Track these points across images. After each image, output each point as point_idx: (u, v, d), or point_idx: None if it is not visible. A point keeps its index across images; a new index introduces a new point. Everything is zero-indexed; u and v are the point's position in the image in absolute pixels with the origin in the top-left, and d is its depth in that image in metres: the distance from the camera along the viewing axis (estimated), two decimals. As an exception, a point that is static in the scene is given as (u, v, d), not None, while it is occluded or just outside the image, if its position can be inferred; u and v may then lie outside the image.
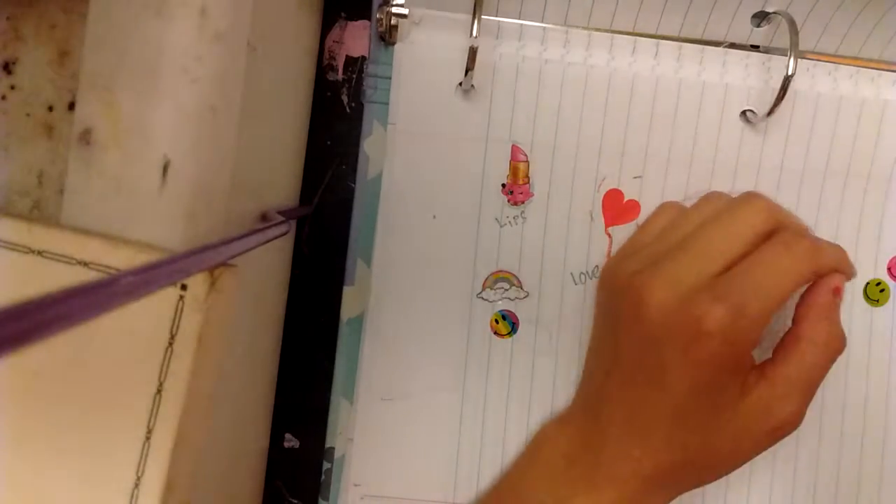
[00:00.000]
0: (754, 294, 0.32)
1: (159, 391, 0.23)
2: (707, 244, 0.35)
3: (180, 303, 0.23)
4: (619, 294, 0.37)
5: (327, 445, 0.44)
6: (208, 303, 0.23)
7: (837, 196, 0.45)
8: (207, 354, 0.23)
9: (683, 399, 0.33)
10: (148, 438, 0.23)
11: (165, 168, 0.25)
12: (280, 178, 0.38)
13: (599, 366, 0.39)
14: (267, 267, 0.37)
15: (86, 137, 0.25)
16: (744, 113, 0.44)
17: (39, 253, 0.24)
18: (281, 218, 0.31)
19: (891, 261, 0.45)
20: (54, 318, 0.13)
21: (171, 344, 0.23)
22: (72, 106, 0.26)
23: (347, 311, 0.44)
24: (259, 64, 0.31)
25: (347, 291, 0.44)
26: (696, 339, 0.32)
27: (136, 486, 0.22)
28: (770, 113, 0.43)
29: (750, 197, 0.37)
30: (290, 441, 0.45)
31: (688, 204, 0.42)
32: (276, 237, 0.29)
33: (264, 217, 0.33)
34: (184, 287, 0.23)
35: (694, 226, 0.38)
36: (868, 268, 0.45)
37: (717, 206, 0.39)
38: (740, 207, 0.37)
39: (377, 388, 0.44)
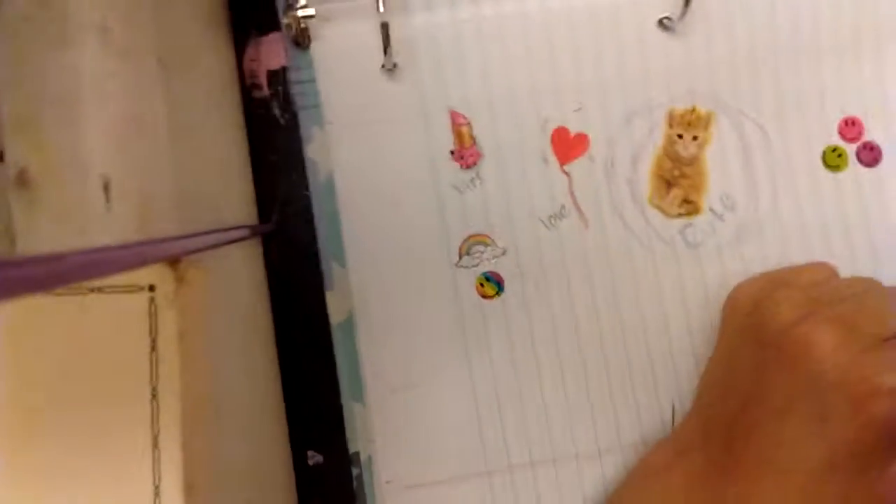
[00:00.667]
0: None
1: (154, 396, 0.22)
2: (882, 306, 0.35)
3: (152, 305, 0.23)
4: (775, 328, 0.35)
5: (351, 451, 0.44)
6: (179, 298, 0.23)
7: (772, 74, 0.46)
8: (192, 351, 0.23)
9: (837, 453, 0.31)
10: (155, 445, 0.22)
11: (107, 187, 0.25)
12: (232, 197, 0.38)
13: (732, 396, 0.36)
14: (243, 280, 0.37)
15: (22, 179, 0.25)
16: (661, 21, 0.45)
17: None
18: (235, 228, 0.30)
19: (839, 125, 0.46)
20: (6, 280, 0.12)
21: (153, 348, 0.22)
22: (1, 156, 0.26)
23: (335, 315, 0.44)
24: (175, 80, 0.31)
25: (330, 296, 0.44)
26: (871, 396, 0.30)
27: (157, 494, 0.22)
28: (683, 14, 0.43)
29: None
30: (314, 457, 0.44)
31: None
32: (235, 240, 0.28)
33: (225, 228, 0.33)
34: (151, 288, 0.23)
35: (860, 289, 0.37)
36: (821, 136, 0.46)
37: (876, 283, 0.39)
38: None
39: (384, 383, 0.44)
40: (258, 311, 0.40)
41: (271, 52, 0.46)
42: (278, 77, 0.45)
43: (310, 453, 0.44)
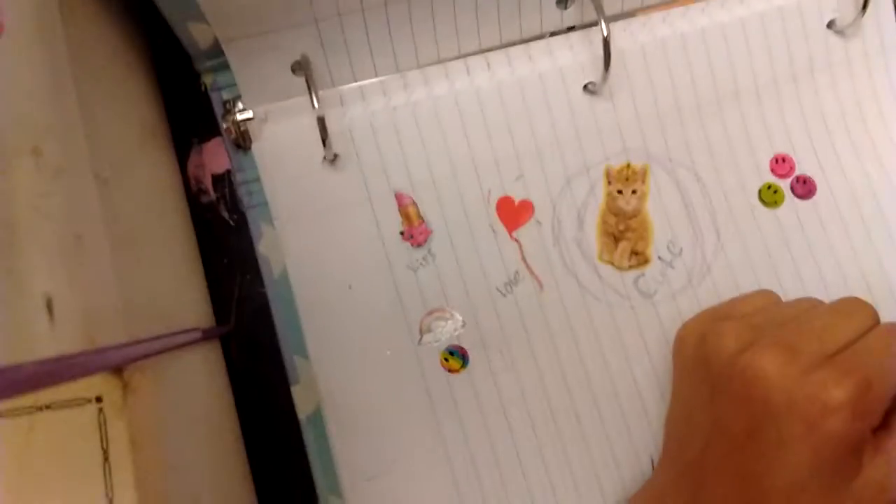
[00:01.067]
0: (879, 370, 0.31)
1: (110, 509, 0.22)
2: (824, 323, 0.34)
3: (100, 416, 0.22)
4: (720, 360, 0.35)
5: (333, 549, 0.43)
6: (128, 407, 0.23)
7: (698, 125, 0.48)
8: (146, 457, 0.23)
9: (802, 475, 0.31)
10: (115, 563, 0.22)
11: (49, 305, 0.25)
12: (185, 303, 0.38)
13: (694, 434, 0.36)
14: (203, 386, 0.37)
15: (-38, 308, 0.25)
16: (586, 87, 0.47)
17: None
18: (187, 332, 0.30)
19: (770, 163, 0.48)
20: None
21: (106, 458, 0.22)
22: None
23: (303, 408, 0.44)
24: (115, 194, 0.31)
25: (296, 390, 0.44)
26: (823, 415, 0.30)
27: None
28: (605, 78, 0.45)
29: (855, 299, 0.37)
30: (295, 559, 0.43)
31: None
32: (183, 344, 0.28)
33: (177, 332, 0.33)
34: (98, 399, 0.23)
35: (801, 309, 0.38)
36: (754, 176, 0.48)
37: (817, 302, 0.39)
38: (851, 301, 0.37)
39: (359, 472, 0.43)
40: (222, 411, 0.40)
41: (214, 157, 0.47)
42: (223, 180, 0.46)
43: (290, 555, 0.43)
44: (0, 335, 0.25)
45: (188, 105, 0.46)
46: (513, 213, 0.46)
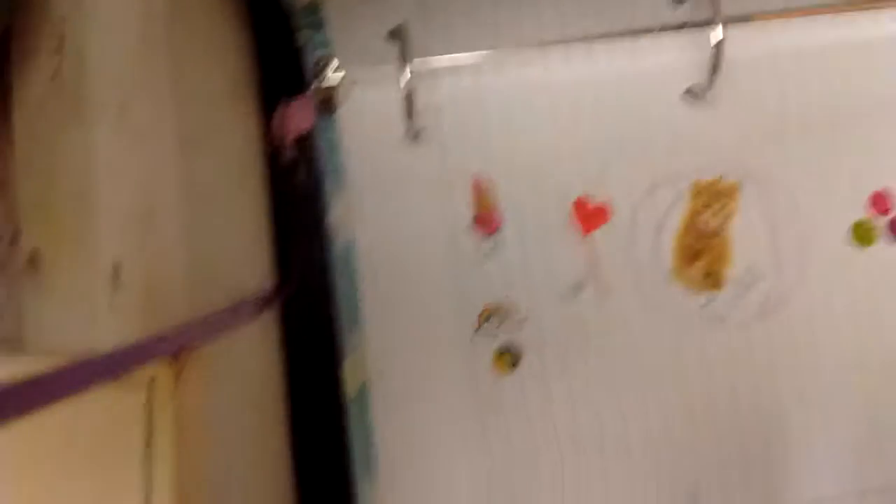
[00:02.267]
0: None
1: (147, 496, 0.22)
2: None
3: (149, 401, 0.23)
4: None
5: (361, 527, 0.43)
6: (178, 393, 0.23)
7: (802, 144, 0.45)
8: (189, 445, 0.23)
9: None
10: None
11: (116, 272, 0.25)
12: (249, 265, 0.38)
13: None
14: (254, 355, 0.37)
15: (33, 263, 0.25)
16: (688, 91, 0.44)
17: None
18: (248, 303, 0.30)
19: (870, 198, 0.45)
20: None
21: (148, 444, 0.22)
22: (14, 239, 0.26)
23: (351, 384, 0.44)
24: (197, 155, 0.31)
25: (346, 365, 0.44)
26: None
27: None
28: (711, 83, 0.43)
29: None
30: (324, 532, 0.43)
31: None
32: (242, 322, 0.28)
33: (236, 306, 0.33)
34: (150, 384, 0.23)
35: None
36: (849, 210, 0.45)
37: None
38: None
39: (397, 459, 0.43)
40: (271, 381, 0.40)
41: (299, 115, 0.46)
42: (304, 140, 0.46)
43: (320, 527, 0.43)
44: (64, 297, 0.25)
45: (282, 61, 0.45)
46: (589, 214, 0.44)
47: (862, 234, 0.44)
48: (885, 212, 0.45)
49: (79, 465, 0.23)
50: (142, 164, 0.27)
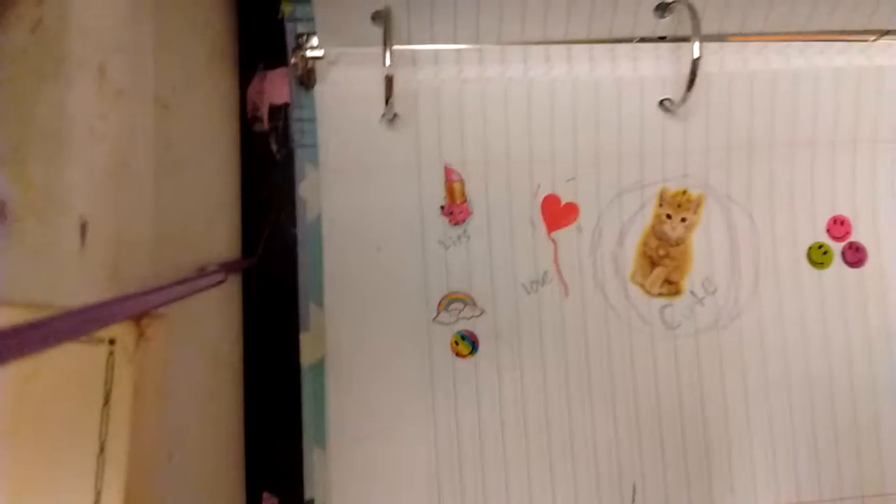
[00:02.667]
0: None
1: (102, 451, 0.22)
2: None
3: (110, 359, 0.23)
4: None
5: (307, 498, 0.44)
6: (139, 354, 0.23)
7: (765, 166, 0.46)
8: (146, 405, 0.23)
9: None
10: (98, 501, 0.22)
11: (83, 229, 0.25)
12: (216, 232, 0.38)
13: None
14: (214, 319, 0.37)
15: (1, 212, 0.25)
16: (662, 102, 0.45)
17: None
18: (214, 268, 0.30)
19: (828, 222, 0.46)
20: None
21: (106, 402, 0.22)
22: (-17, 185, 0.26)
23: (307, 356, 0.44)
24: (172, 118, 0.31)
25: (304, 337, 0.44)
26: None
27: (93, 550, 0.22)
28: (685, 98, 0.44)
29: None
30: (269, 500, 0.44)
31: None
32: (208, 286, 0.28)
33: (201, 270, 0.33)
34: (112, 342, 0.23)
35: None
36: (807, 232, 0.46)
37: None
38: None
39: (348, 430, 0.44)
40: (229, 347, 0.40)
41: (276, 87, 0.46)
42: (280, 112, 0.46)
43: (265, 495, 0.44)
44: (32, 248, 0.25)
45: (262, 30, 0.45)
46: (556, 213, 0.45)
47: (818, 257, 0.46)
48: (841, 238, 0.46)
49: (36, 420, 0.23)
50: (117, 124, 0.27)
